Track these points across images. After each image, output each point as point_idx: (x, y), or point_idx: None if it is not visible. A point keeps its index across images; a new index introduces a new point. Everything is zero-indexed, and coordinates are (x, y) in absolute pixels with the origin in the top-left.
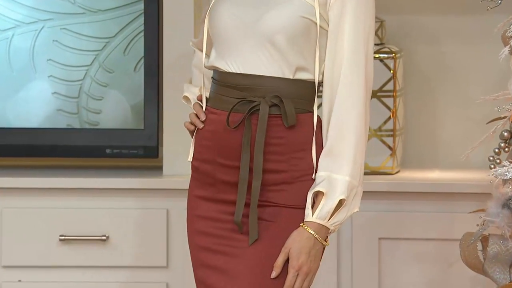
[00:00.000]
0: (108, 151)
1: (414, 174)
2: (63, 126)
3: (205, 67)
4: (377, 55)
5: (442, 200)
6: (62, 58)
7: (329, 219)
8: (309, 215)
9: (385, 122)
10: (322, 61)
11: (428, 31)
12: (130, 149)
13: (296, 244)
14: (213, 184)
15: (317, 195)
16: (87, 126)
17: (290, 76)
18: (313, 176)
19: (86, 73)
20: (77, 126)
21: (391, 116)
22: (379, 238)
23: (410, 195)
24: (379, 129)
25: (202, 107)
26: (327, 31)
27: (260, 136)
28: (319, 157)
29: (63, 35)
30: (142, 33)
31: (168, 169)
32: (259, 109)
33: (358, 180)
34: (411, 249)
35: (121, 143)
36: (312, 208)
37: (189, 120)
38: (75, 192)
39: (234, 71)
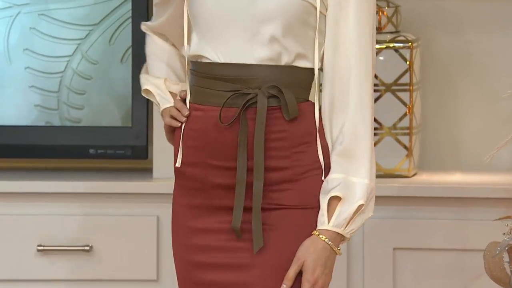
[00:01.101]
0: (91, 151)
1: (432, 177)
2: (42, 123)
3: (183, 56)
4: (391, 45)
5: (464, 206)
6: (40, 47)
7: (346, 227)
8: (324, 223)
9: (400, 119)
10: (321, 48)
11: (449, 17)
12: (116, 149)
13: (311, 255)
14: (203, 190)
15: (331, 199)
16: (68, 124)
17: (288, 63)
18: (322, 176)
19: (67, 64)
20: (57, 123)
21: (407, 113)
22: (394, 249)
23: (428, 200)
24: (394, 127)
25: (184, 102)
26: (325, 16)
27: (259, 132)
28: (324, 150)
29: (41, 22)
30: (130, 20)
31: (159, 172)
32: (254, 102)
33: (374, 182)
34: (429, 261)
35: (106, 143)
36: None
37: (167, 116)
38: (55, 198)
39: (223, 61)
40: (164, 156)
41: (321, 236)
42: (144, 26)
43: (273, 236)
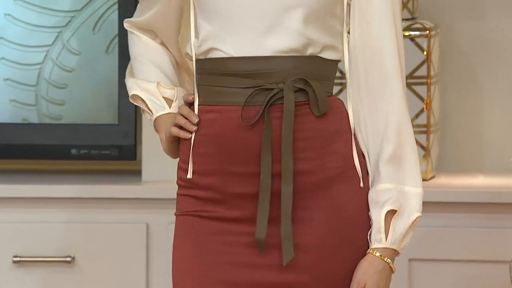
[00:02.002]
0: (73, 151)
1: (453, 180)
2: (18, 120)
3: (186, 54)
4: (407, 33)
5: (488, 212)
6: (17, 36)
7: (401, 242)
8: (382, 240)
9: (417, 116)
10: (347, 37)
11: (471, 2)
12: (101, 150)
13: (372, 277)
14: (221, 201)
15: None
16: (47, 121)
17: (313, 54)
18: (360, 182)
19: (46, 55)
20: (35, 120)
21: (425, 108)
22: (409, 260)
23: (447, 206)
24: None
25: (191, 108)
26: (349, 5)
27: (287, 131)
28: (358, 149)
29: (17, 7)
30: (116, 6)
31: (149, 174)
32: (278, 98)
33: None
34: (449, 273)
35: (89, 142)
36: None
37: (172, 125)
38: (32, 203)
39: (240, 55)
40: (154, 157)
41: (380, 255)
42: (127, 24)
43: (304, 257)
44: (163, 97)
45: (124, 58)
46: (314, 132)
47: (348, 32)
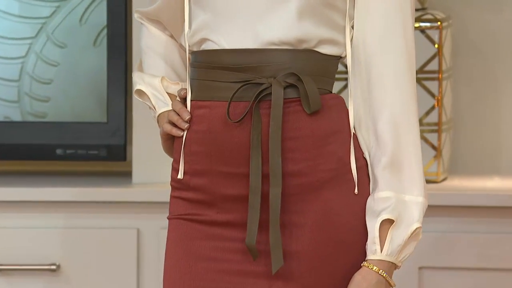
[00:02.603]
0: (58, 151)
1: (466, 183)
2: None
3: (181, 46)
4: (417, 24)
5: (504, 217)
6: None
7: (399, 254)
8: (376, 252)
9: (427, 114)
10: (350, 31)
11: None
12: (89, 149)
13: None
14: (212, 204)
15: (381, 223)
16: (31, 119)
17: (308, 49)
18: (355, 189)
19: (29, 48)
20: (17, 118)
21: (436, 105)
22: (420, 268)
23: (460, 210)
24: (420, 122)
25: (184, 104)
26: None
27: (276, 129)
28: (357, 151)
29: None
30: None
31: (140, 176)
32: (268, 94)
33: (427, 198)
34: (461, 282)
35: (76, 141)
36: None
37: (166, 122)
38: (14, 207)
39: (231, 47)
40: (146, 158)
41: (374, 268)
42: (138, 14)
43: (295, 265)
44: (167, 92)
45: (113, 51)
46: (306, 131)
47: (353, 27)
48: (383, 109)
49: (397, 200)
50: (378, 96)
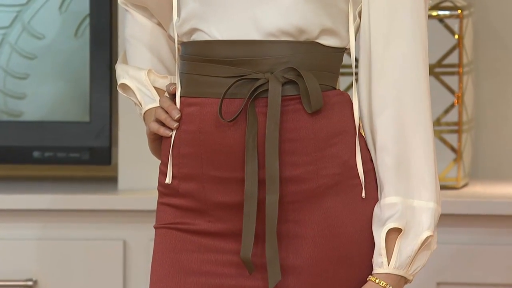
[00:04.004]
0: (36, 154)
1: (488, 189)
2: None
3: (170, 37)
4: (435, 13)
5: None
6: None
7: (409, 266)
8: (383, 265)
9: (446, 112)
10: (355, 21)
11: None
12: (70, 152)
13: None
14: (203, 212)
15: (388, 232)
16: (5, 118)
17: (309, 40)
18: (362, 192)
19: (2, 38)
20: None
21: (456, 103)
22: (438, 283)
23: (483, 219)
24: (438, 122)
25: (173, 100)
26: None
27: (273, 129)
28: (364, 153)
29: None
30: None
31: (126, 182)
32: (265, 90)
33: (440, 203)
34: None
35: (56, 143)
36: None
37: (152, 120)
38: None
39: (225, 38)
40: (133, 161)
41: (381, 282)
42: (122, 0)
43: (293, 280)
44: (154, 87)
45: (96, 42)
46: (307, 132)
47: (359, 15)
48: (384, 104)
49: (404, 206)
50: (379, 90)
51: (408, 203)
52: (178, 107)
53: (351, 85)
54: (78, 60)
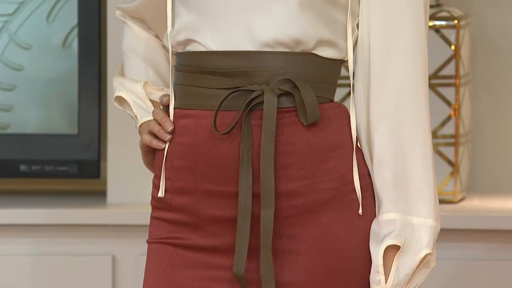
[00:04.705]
0: (23, 168)
1: (486, 203)
2: None
3: (164, 47)
4: (431, 23)
5: None
6: None
7: (407, 284)
8: (381, 283)
9: (442, 124)
10: (353, 32)
11: None
12: (58, 165)
13: None
14: (196, 226)
15: (386, 249)
16: None
17: (305, 51)
18: (359, 209)
19: None
20: None
21: (452, 115)
22: None
23: (480, 234)
24: (434, 134)
25: (167, 112)
26: None
27: (268, 142)
28: (361, 168)
29: None
30: None
31: (115, 195)
32: (261, 102)
33: (439, 220)
34: None
35: (43, 156)
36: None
37: (145, 133)
38: None
39: (219, 49)
40: (122, 175)
41: None
42: (119, 11)
43: None
44: (150, 99)
45: (84, 53)
46: (303, 145)
47: (357, 27)
48: (382, 118)
49: (403, 223)
50: (378, 103)
51: (406, 220)
52: (172, 119)
53: (346, 96)
54: (66, 71)
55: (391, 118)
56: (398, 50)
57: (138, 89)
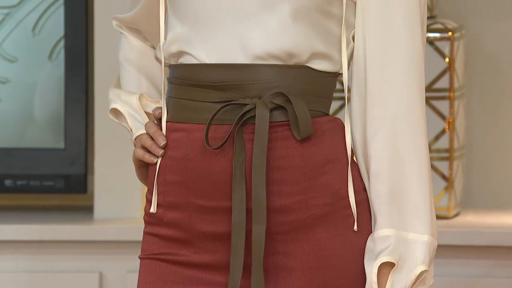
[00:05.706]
0: (7, 183)
1: (481, 219)
2: None
3: (157, 59)
4: None
5: None
6: None
7: None
8: None
9: (436, 138)
10: (348, 45)
11: None
12: (44, 180)
13: None
14: (189, 242)
15: (380, 266)
16: None
17: (299, 64)
18: (355, 225)
19: None
20: None
21: (446, 129)
22: None
23: (475, 250)
24: (428, 148)
25: (159, 126)
26: (355, 3)
27: (260, 157)
28: (356, 183)
29: None
30: (61, 1)
31: (102, 211)
32: (253, 116)
33: (436, 236)
34: None
35: (29, 171)
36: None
37: (138, 147)
38: None
39: (211, 62)
40: (109, 190)
41: None
42: (116, 22)
43: None
44: (145, 112)
45: (71, 65)
46: (296, 160)
47: (353, 39)
48: (378, 131)
49: (398, 239)
50: (374, 116)
51: (401, 236)
52: (164, 133)
53: (339, 109)
54: (52, 84)
55: (388, 131)
56: (395, 65)
57: (134, 101)
